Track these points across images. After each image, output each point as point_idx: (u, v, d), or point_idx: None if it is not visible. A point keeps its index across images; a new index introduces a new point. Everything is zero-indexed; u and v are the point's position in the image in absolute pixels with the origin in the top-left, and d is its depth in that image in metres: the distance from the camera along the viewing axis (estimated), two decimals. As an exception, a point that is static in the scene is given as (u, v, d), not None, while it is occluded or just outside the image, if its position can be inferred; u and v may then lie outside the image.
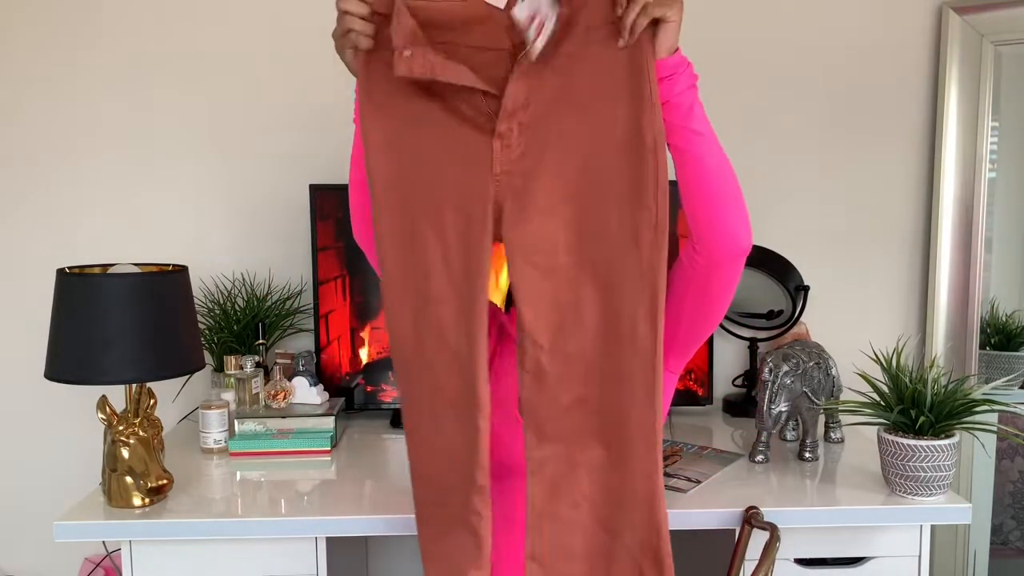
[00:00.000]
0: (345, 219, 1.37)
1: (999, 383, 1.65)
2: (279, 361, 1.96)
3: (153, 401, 1.60)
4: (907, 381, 1.53)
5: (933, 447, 1.48)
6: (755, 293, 2.07)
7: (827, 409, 1.80)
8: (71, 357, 1.56)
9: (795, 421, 1.87)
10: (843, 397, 1.77)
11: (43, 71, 2.15)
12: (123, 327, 1.55)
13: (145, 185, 2.18)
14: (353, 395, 2.04)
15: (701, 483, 1.62)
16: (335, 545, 1.61)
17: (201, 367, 1.71)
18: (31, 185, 2.18)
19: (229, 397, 1.94)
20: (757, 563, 1.41)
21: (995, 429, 1.54)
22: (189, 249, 2.18)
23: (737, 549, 1.47)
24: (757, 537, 1.45)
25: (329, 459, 1.82)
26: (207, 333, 2.07)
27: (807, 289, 2.07)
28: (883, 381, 1.58)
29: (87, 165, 2.18)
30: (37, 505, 2.20)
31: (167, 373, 1.60)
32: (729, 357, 2.22)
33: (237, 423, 1.86)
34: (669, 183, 1.13)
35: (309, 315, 2.14)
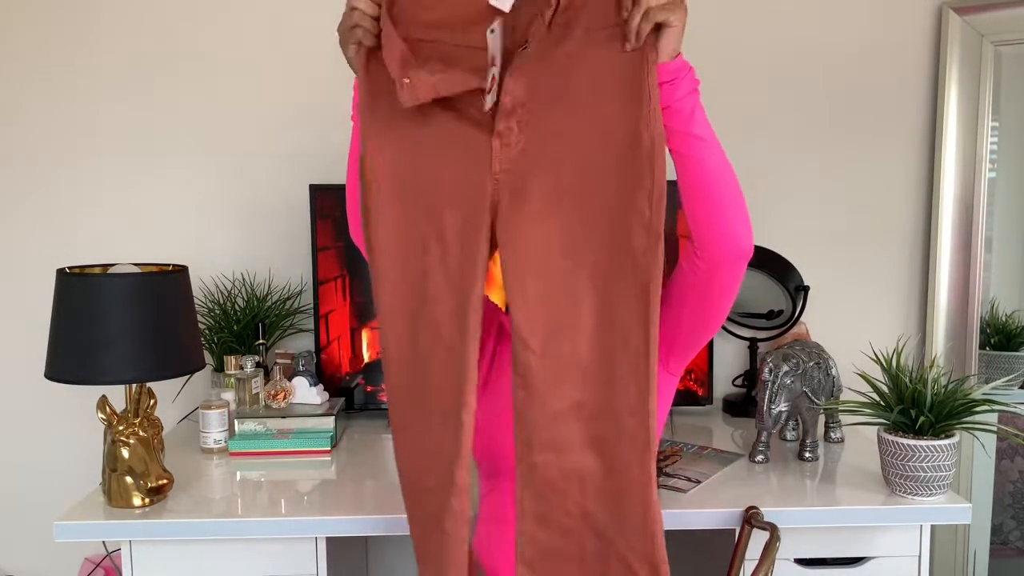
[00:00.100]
0: (345, 219, 1.37)
1: (999, 383, 1.65)
2: (279, 361, 1.96)
3: (153, 401, 1.60)
4: (907, 381, 1.53)
5: (933, 447, 1.48)
6: (755, 293, 2.07)
7: (827, 409, 1.80)
8: (71, 357, 1.56)
9: (795, 421, 1.87)
10: (843, 397, 1.76)
11: (43, 71, 2.15)
12: (123, 327, 1.55)
13: (145, 185, 2.19)
14: (353, 395, 2.04)
15: (701, 483, 1.62)
16: (335, 545, 1.61)
17: (201, 367, 1.71)
18: (31, 185, 2.18)
19: (229, 397, 1.94)
20: (757, 563, 1.41)
21: (995, 429, 1.54)
22: (189, 249, 2.18)
23: (737, 549, 1.47)
24: (757, 537, 1.45)
25: (329, 459, 1.82)
26: (207, 333, 2.07)
27: (807, 289, 2.07)
28: (883, 381, 1.58)
29: (87, 165, 2.18)
30: (37, 505, 2.20)
31: (167, 373, 1.60)
32: (729, 357, 2.22)
33: (237, 423, 1.86)
34: (669, 183, 1.12)
35: (309, 315, 2.14)
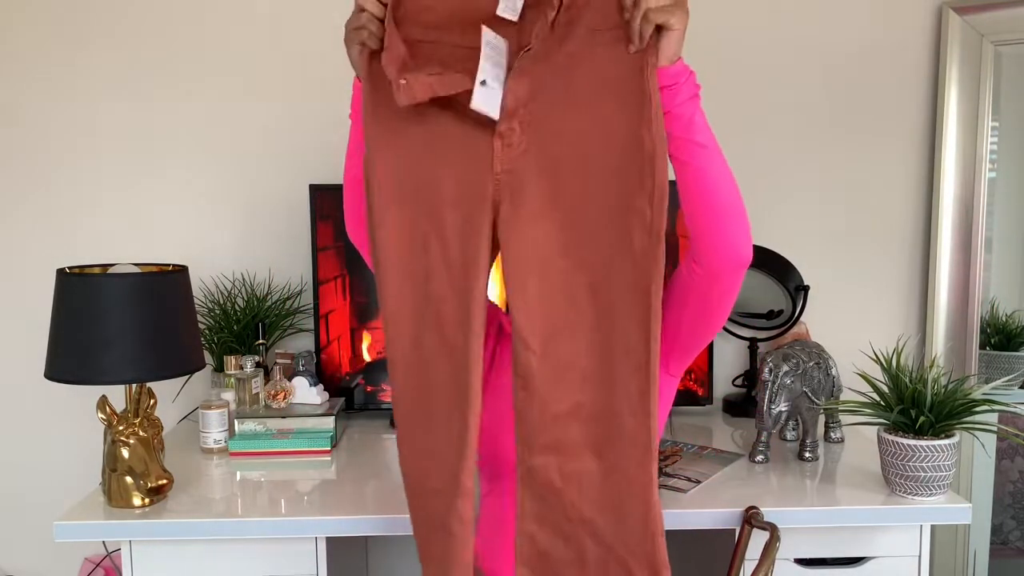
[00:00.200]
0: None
1: (999, 383, 1.65)
2: (279, 361, 1.96)
3: (153, 401, 1.60)
4: (907, 381, 1.53)
5: (933, 447, 1.48)
6: (755, 293, 2.07)
7: (827, 409, 1.80)
8: (71, 357, 1.56)
9: (795, 421, 1.87)
10: (843, 397, 1.76)
11: (43, 71, 2.15)
12: (123, 327, 1.55)
13: (145, 185, 2.19)
14: (353, 395, 2.04)
15: (701, 483, 1.62)
16: (335, 545, 1.61)
17: (201, 367, 1.71)
18: (31, 185, 2.19)
19: (229, 397, 1.94)
20: (757, 563, 1.41)
21: (995, 429, 1.53)
22: (189, 249, 2.18)
23: (737, 549, 1.47)
24: (757, 537, 1.45)
25: (329, 459, 1.82)
26: (207, 333, 2.07)
27: (807, 289, 2.07)
28: (883, 381, 1.58)
29: (87, 165, 2.18)
30: (37, 505, 2.20)
31: (167, 373, 1.60)
32: (729, 357, 2.22)
33: (237, 423, 1.86)
34: (670, 184, 1.12)
35: (309, 315, 2.14)
